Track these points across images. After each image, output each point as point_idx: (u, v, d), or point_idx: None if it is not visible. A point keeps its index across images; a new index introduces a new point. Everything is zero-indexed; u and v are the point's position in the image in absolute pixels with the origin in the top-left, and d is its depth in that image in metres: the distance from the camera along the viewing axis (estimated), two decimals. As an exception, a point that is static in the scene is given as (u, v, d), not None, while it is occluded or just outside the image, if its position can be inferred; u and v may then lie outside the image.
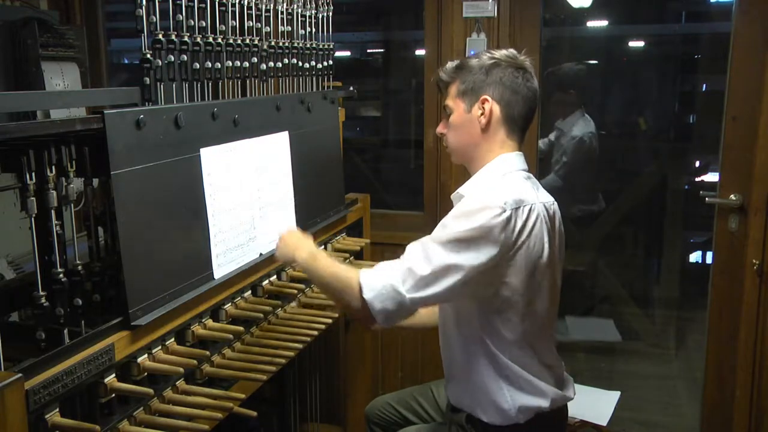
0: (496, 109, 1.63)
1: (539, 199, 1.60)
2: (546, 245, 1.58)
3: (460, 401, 1.70)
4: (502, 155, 1.65)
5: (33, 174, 1.23)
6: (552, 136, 3.62)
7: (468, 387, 1.66)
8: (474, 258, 1.48)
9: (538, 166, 3.05)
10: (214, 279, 1.58)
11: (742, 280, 2.43)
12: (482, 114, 1.63)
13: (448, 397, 1.76)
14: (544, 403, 1.62)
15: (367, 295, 1.50)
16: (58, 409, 1.17)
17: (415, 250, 1.53)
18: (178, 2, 1.57)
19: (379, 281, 1.51)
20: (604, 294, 4.04)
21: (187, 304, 1.47)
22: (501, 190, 1.55)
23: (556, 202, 1.68)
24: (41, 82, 2.04)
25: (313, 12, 2.15)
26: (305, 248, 1.66)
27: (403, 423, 1.94)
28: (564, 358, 1.78)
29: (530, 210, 1.54)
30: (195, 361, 1.45)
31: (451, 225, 1.52)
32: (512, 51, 1.68)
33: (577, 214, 3.69)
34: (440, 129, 1.74)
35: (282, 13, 2.00)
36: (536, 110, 1.69)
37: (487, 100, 1.62)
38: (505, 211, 1.49)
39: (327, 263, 1.63)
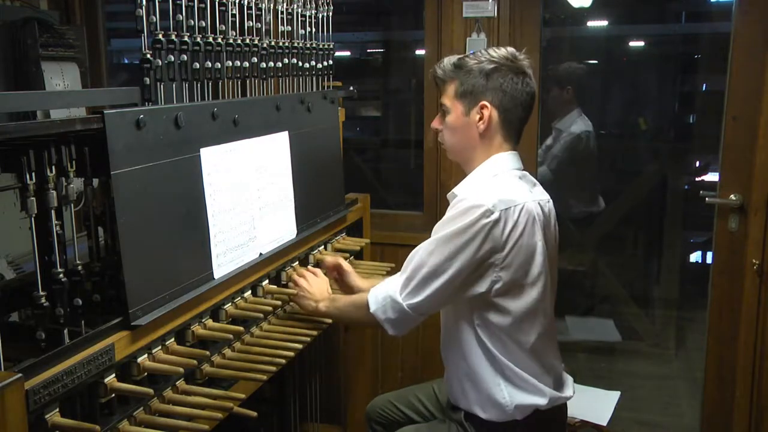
0: (495, 115, 1.64)
1: (533, 197, 1.61)
2: (539, 244, 1.58)
3: (458, 399, 1.71)
4: (496, 155, 1.66)
5: (33, 174, 1.23)
6: (549, 140, 3.63)
7: (466, 384, 1.67)
8: (460, 258, 1.53)
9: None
10: (214, 279, 1.58)
11: (742, 280, 2.43)
12: (481, 119, 1.63)
13: (448, 395, 1.76)
14: (541, 401, 1.62)
15: (372, 307, 1.64)
16: (58, 409, 1.17)
17: (410, 257, 1.62)
18: (178, 2, 1.57)
19: (381, 293, 1.65)
20: (604, 294, 4.04)
21: (187, 304, 1.47)
22: (490, 190, 1.56)
23: (551, 201, 1.69)
24: (41, 82, 2.04)
25: (313, 12, 2.15)
26: (325, 298, 1.79)
27: (404, 421, 1.94)
28: (564, 358, 1.78)
29: (521, 210, 1.54)
30: (195, 361, 1.45)
31: (442, 227, 1.57)
32: (511, 51, 1.66)
33: (578, 216, 3.69)
34: (435, 124, 1.75)
35: (282, 13, 2.00)
36: (533, 109, 1.70)
37: (486, 106, 1.63)
38: (493, 212, 1.51)
39: (341, 299, 1.79)
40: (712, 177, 3.40)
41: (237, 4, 1.77)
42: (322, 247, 2.16)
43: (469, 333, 1.64)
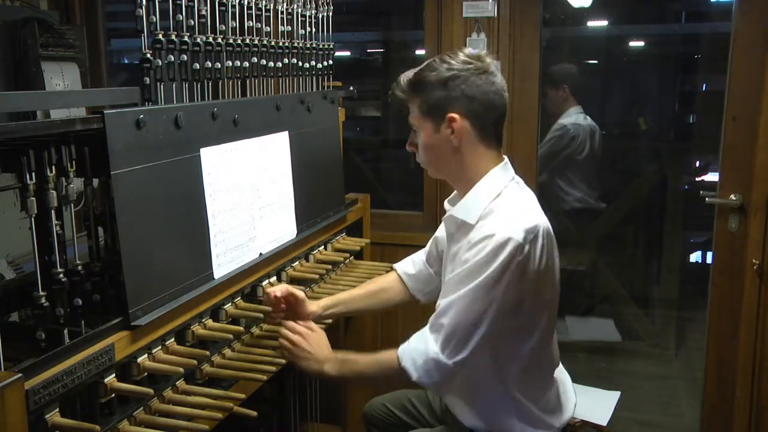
0: (466, 125, 1.52)
1: (539, 207, 1.58)
2: (556, 261, 1.56)
3: (463, 417, 1.69)
4: (489, 173, 1.56)
5: (33, 174, 1.23)
6: None
7: (474, 410, 1.65)
8: (500, 301, 1.45)
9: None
10: (214, 279, 1.58)
11: (742, 280, 2.43)
12: (452, 133, 1.53)
13: (453, 410, 1.73)
14: None
15: (414, 375, 1.50)
16: (58, 409, 1.17)
17: (445, 311, 1.49)
18: (178, 2, 1.57)
19: (419, 358, 1.49)
20: (604, 294, 4.05)
21: (187, 304, 1.47)
22: (513, 221, 1.47)
23: (535, 198, 1.64)
24: (41, 82, 2.04)
25: (313, 12, 2.15)
26: (329, 358, 1.62)
27: (398, 424, 1.93)
28: (564, 358, 1.78)
29: (544, 234, 1.49)
30: (195, 361, 1.45)
31: (475, 273, 1.46)
32: (469, 52, 1.55)
33: (572, 209, 3.71)
34: (409, 146, 1.66)
35: (282, 13, 2.00)
36: (508, 108, 1.58)
37: (454, 118, 1.51)
38: (524, 245, 1.44)
39: (359, 361, 1.62)
40: (712, 177, 3.40)
41: (237, 5, 1.77)
42: (322, 247, 2.16)
43: (482, 367, 1.59)
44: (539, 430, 1.62)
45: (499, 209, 1.52)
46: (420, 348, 1.50)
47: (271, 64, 1.94)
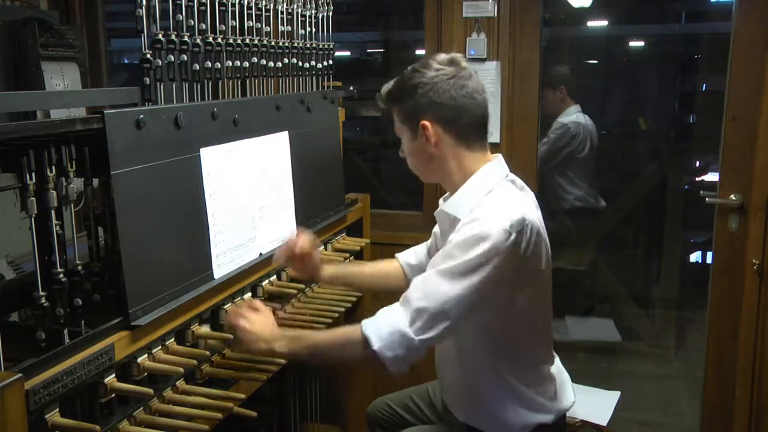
0: (439, 131, 1.53)
1: (533, 204, 1.58)
2: (543, 256, 1.56)
3: (459, 413, 1.69)
4: (479, 172, 1.57)
5: (33, 174, 1.23)
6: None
7: (471, 403, 1.65)
8: (479, 286, 1.43)
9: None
10: (214, 279, 1.58)
11: (742, 280, 2.43)
12: (426, 140, 1.54)
13: (449, 407, 1.74)
14: (547, 418, 1.62)
15: (376, 345, 1.43)
16: (58, 409, 1.17)
17: (420, 288, 1.47)
18: (178, 2, 1.57)
19: (385, 329, 1.44)
20: (604, 294, 4.05)
21: (187, 304, 1.47)
22: (502, 211, 1.47)
23: (535, 198, 1.65)
24: (41, 82, 2.04)
25: (313, 12, 2.15)
26: (277, 337, 1.54)
27: (401, 423, 1.94)
28: (564, 358, 1.78)
29: (532, 227, 1.47)
30: (195, 361, 1.45)
31: (456, 255, 1.45)
32: (441, 58, 1.55)
33: (571, 208, 3.71)
34: (401, 153, 1.67)
35: (282, 13, 2.00)
36: (487, 107, 1.57)
37: (425, 125, 1.53)
38: (511, 234, 1.43)
39: (312, 335, 1.58)
40: (712, 177, 3.41)
41: (237, 4, 1.77)
42: (322, 247, 2.16)
43: (475, 357, 1.60)
44: (535, 414, 1.62)
45: (491, 202, 1.53)
46: (387, 320, 1.46)
47: (271, 64, 1.94)
